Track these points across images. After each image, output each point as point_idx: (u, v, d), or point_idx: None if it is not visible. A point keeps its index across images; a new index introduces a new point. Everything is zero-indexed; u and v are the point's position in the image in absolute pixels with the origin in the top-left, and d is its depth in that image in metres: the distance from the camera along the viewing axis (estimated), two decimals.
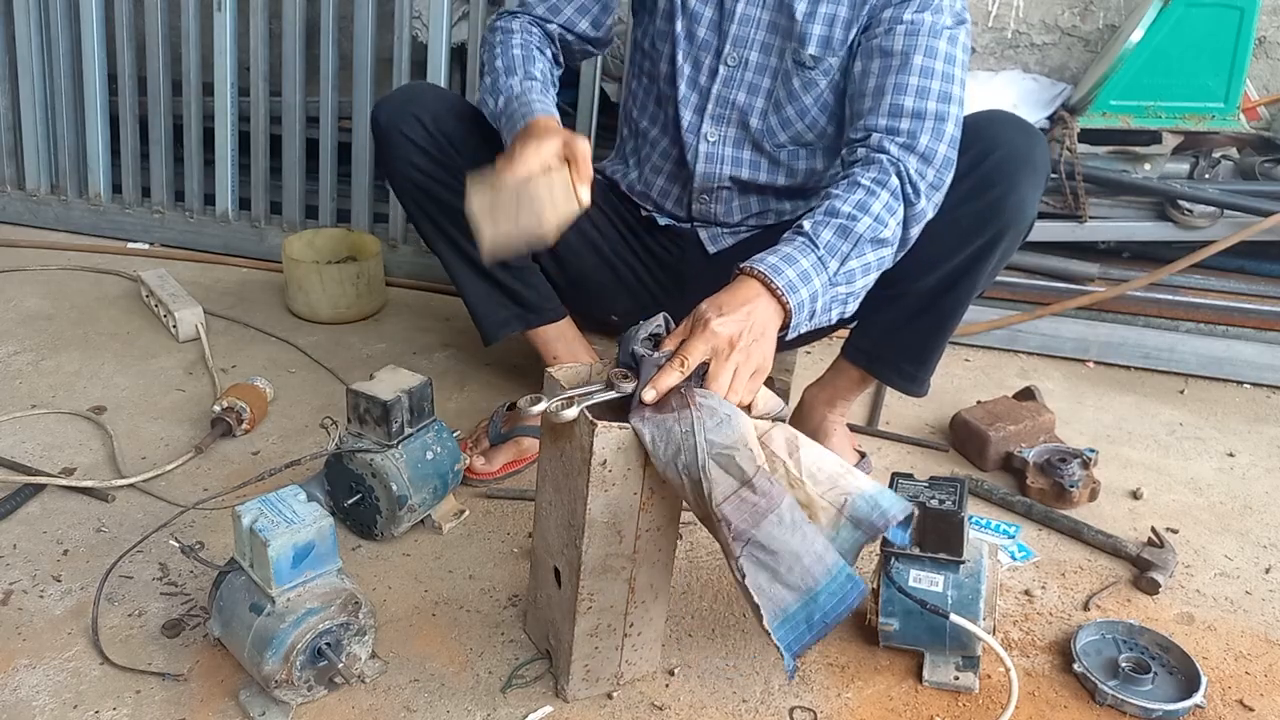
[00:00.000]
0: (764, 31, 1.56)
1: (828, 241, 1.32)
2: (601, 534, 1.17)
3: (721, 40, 1.58)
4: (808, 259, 1.29)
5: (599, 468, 1.12)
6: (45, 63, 2.57)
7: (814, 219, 1.34)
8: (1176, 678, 1.35)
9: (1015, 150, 1.44)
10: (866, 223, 1.33)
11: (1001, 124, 1.47)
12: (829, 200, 1.36)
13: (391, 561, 1.51)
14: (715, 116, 1.62)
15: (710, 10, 1.57)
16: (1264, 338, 2.16)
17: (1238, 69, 2.13)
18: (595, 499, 1.14)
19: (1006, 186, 1.43)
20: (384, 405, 1.46)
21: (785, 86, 1.57)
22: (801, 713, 1.29)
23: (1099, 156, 2.21)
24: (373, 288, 2.27)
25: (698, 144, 1.63)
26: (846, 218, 1.33)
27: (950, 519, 1.27)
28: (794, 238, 1.33)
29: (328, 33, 2.37)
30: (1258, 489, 1.81)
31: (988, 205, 1.44)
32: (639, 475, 1.15)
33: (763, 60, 1.57)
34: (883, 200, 1.35)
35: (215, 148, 2.51)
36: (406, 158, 1.59)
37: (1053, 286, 2.21)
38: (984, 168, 1.44)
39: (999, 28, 2.44)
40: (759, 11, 1.55)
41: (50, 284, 2.34)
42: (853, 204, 1.34)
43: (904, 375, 1.63)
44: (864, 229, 1.33)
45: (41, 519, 1.56)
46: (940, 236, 1.45)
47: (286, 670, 1.19)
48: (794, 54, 1.54)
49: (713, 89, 1.60)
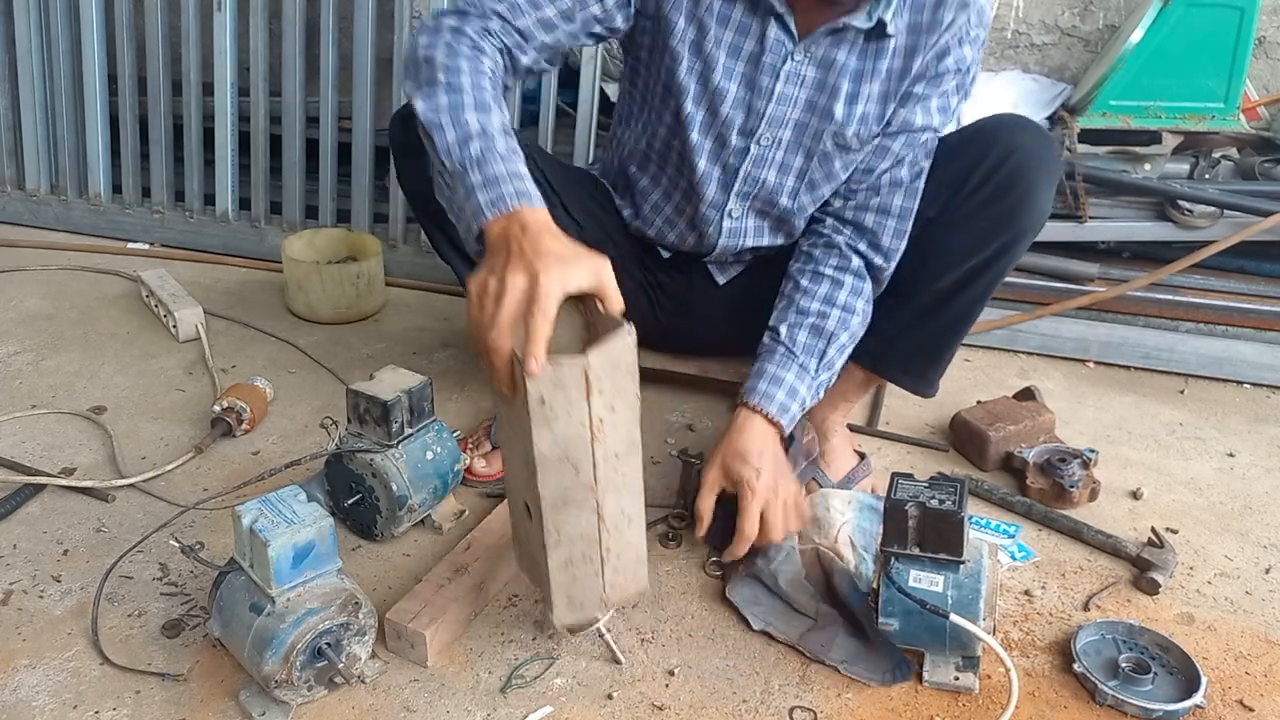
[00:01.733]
0: (800, 110, 1.47)
1: (804, 344, 1.46)
2: (555, 469, 1.14)
3: (752, 119, 1.47)
4: (791, 372, 1.45)
5: (538, 406, 1.09)
6: (45, 63, 2.57)
7: (788, 321, 1.48)
8: (1176, 678, 1.35)
9: (1031, 154, 1.45)
10: (836, 315, 1.47)
11: (1015, 128, 1.49)
12: (798, 297, 1.49)
13: (391, 561, 1.51)
14: (742, 194, 1.55)
15: (738, 87, 1.45)
16: (1264, 338, 2.16)
17: (1238, 69, 2.13)
18: (541, 437, 1.11)
19: (1024, 189, 1.45)
20: (384, 405, 1.46)
21: (824, 167, 1.51)
22: (801, 713, 1.29)
23: (1099, 156, 2.21)
24: (373, 288, 2.27)
25: (721, 219, 1.58)
26: (817, 315, 1.47)
27: (950, 519, 1.27)
28: (774, 348, 1.47)
29: (328, 33, 2.37)
30: (1258, 489, 1.81)
31: (1007, 209, 1.46)
32: (584, 408, 1.11)
33: (796, 139, 1.49)
34: (848, 286, 1.48)
35: (215, 148, 2.52)
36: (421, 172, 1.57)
37: (1053, 286, 2.21)
38: (1002, 173, 1.45)
39: (999, 28, 2.44)
40: (797, 90, 1.45)
41: (50, 284, 2.34)
42: (820, 299, 1.48)
43: (913, 375, 1.63)
44: (834, 323, 1.47)
45: (41, 519, 1.56)
46: (959, 240, 1.48)
47: (286, 670, 1.19)
48: (835, 137, 1.48)
49: (741, 168, 1.52)
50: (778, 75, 1.44)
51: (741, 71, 1.44)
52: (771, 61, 1.43)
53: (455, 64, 1.24)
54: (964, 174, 1.47)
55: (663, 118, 1.52)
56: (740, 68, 1.44)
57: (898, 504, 1.28)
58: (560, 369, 1.08)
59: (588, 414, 1.13)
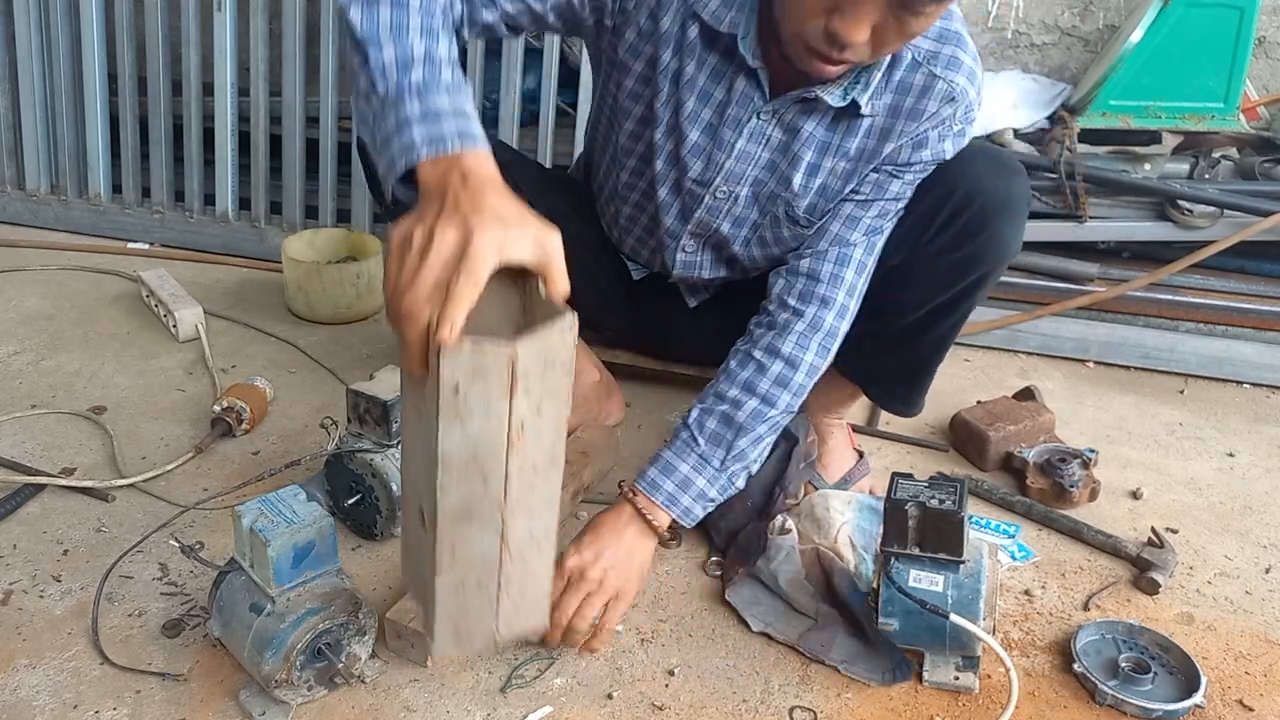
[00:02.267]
0: (760, 169, 1.41)
1: (711, 432, 1.40)
2: (460, 475, 0.95)
3: (710, 170, 1.42)
4: (687, 462, 1.40)
5: (450, 396, 0.90)
6: (45, 63, 2.57)
7: (702, 406, 1.42)
8: (1176, 678, 1.35)
9: (994, 194, 1.38)
10: (751, 406, 1.40)
11: (978, 163, 1.40)
12: (722, 379, 1.43)
13: (391, 561, 1.51)
14: (696, 235, 1.52)
15: (700, 134, 1.39)
16: (1264, 338, 2.16)
17: (1238, 69, 2.13)
18: (449, 434, 0.92)
19: (989, 234, 1.39)
20: (384, 405, 1.46)
21: (774, 230, 1.47)
22: (801, 713, 1.29)
23: (1099, 156, 2.21)
24: (373, 288, 2.26)
25: (675, 250, 1.55)
26: (731, 404, 1.41)
27: (950, 519, 1.27)
28: (677, 435, 1.42)
29: (328, 33, 2.37)
30: (1258, 489, 1.81)
31: (970, 253, 1.41)
32: (504, 407, 0.92)
33: (751, 197, 1.44)
34: (773, 374, 1.41)
35: (215, 148, 2.51)
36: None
37: (1053, 286, 2.21)
38: (964, 218, 1.38)
39: (999, 28, 2.44)
40: (759, 149, 1.39)
41: (50, 284, 2.34)
42: (740, 385, 1.41)
43: (896, 398, 1.64)
44: (746, 414, 1.40)
45: (41, 519, 1.56)
46: (922, 282, 1.44)
47: (286, 670, 1.19)
48: (788, 207, 1.43)
49: (696, 212, 1.48)
50: (740, 131, 1.37)
51: (706, 119, 1.38)
52: (736, 115, 1.36)
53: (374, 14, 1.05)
54: (926, 219, 1.41)
55: (640, 137, 1.47)
56: (706, 114, 1.38)
57: (898, 504, 1.28)
58: (482, 354, 0.89)
59: (508, 414, 0.93)
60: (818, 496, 1.51)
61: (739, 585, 1.46)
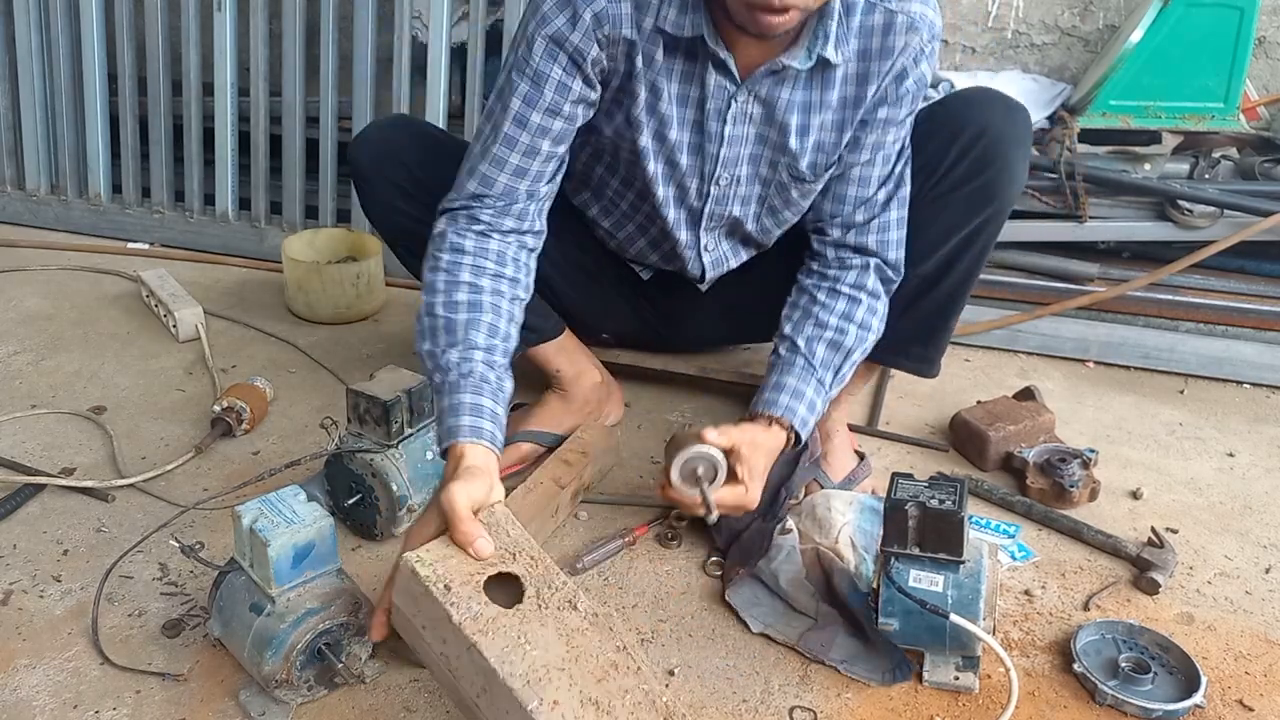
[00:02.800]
0: (752, 146, 1.46)
1: (823, 358, 1.46)
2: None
3: (708, 163, 1.46)
4: (810, 386, 1.44)
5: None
6: (45, 63, 2.57)
7: (806, 334, 1.47)
8: (1176, 678, 1.35)
9: (1003, 129, 1.47)
10: (854, 332, 1.47)
11: (985, 104, 1.49)
12: (816, 310, 1.48)
13: (391, 561, 1.51)
14: (711, 230, 1.57)
15: (690, 135, 1.44)
16: (1264, 338, 2.15)
17: (1238, 69, 2.13)
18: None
19: (1000, 164, 1.46)
20: (384, 405, 1.46)
21: (781, 195, 1.52)
22: (801, 713, 1.29)
23: (1099, 156, 2.21)
24: (373, 288, 2.27)
25: (700, 255, 1.60)
26: (836, 330, 1.46)
27: (950, 519, 1.27)
28: (793, 360, 1.46)
29: (328, 33, 2.37)
30: (1258, 489, 1.81)
31: (984, 185, 1.47)
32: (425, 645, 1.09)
33: (752, 172, 1.49)
34: (865, 305, 1.48)
35: (215, 148, 2.52)
36: (389, 201, 1.57)
37: (1053, 286, 2.21)
38: (975, 151, 1.46)
39: (999, 28, 2.44)
40: (746, 128, 1.44)
41: (50, 284, 2.34)
42: (838, 314, 1.47)
43: (914, 357, 1.64)
44: (852, 340, 1.47)
45: (41, 519, 1.56)
46: (936, 222, 1.49)
47: (286, 670, 1.19)
48: (790, 169, 1.47)
49: (705, 208, 1.52)
50: (724, 119, 1.41)
51: (692, 119, 1.42)
52: (716, 106, 1.40)
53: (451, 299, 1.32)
54: (938, 156, 1.48)
55: (630, 182, 1.52)
56: (690, 115, 1.42)
57: (898, 504, 1.28)
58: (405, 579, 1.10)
59: (434, 652, 1.09)
60: (819, 496, 1.51)
61: (739, 585, 1.46)
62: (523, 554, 1.12)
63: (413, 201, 1.55)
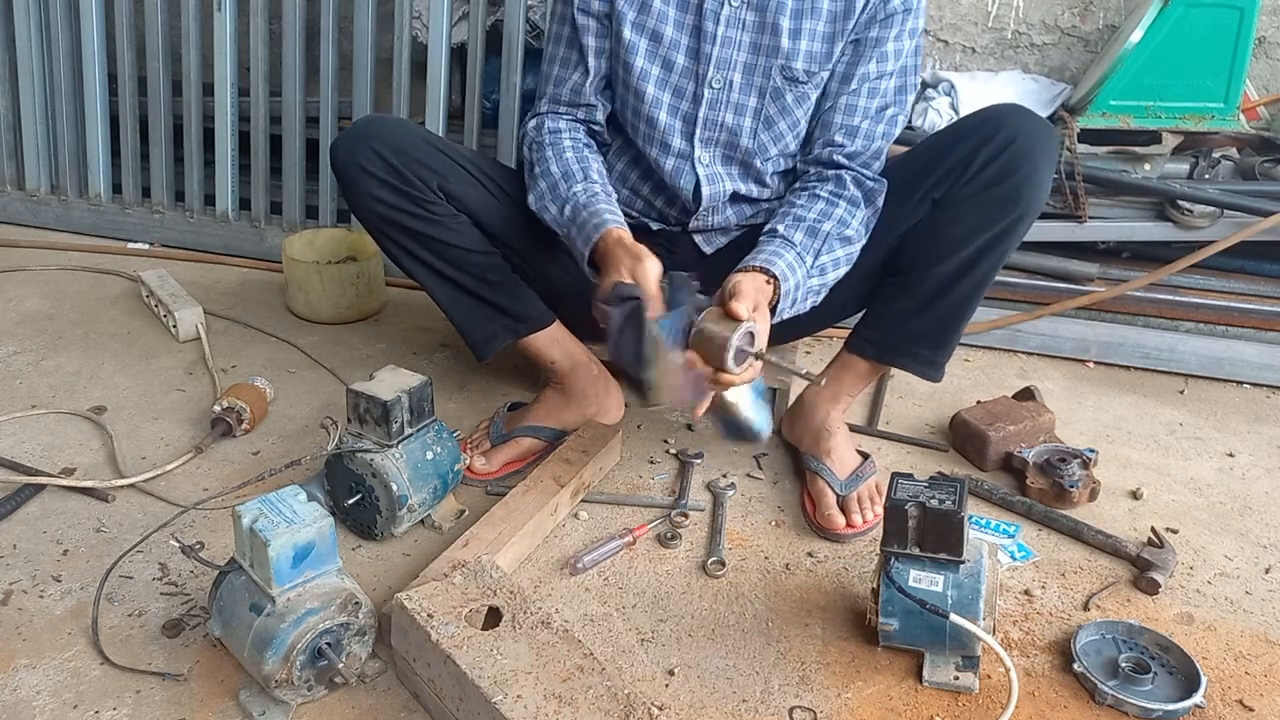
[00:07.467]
0: (746, 53, 1.55)
1: (801, 241, 1.48)
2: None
3: (701, 64, 1.55)
4: (790, 253, 1.46)
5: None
6: (45, 63, 2.57)
7: (784, 222, 1.50)
8: (1176, 678, 1.35)
9: (1033, 137, 1.50)
10: (830, 224, 1.50)
11: (1015, 114, 1.53)
12: (793, 209, 1.52)
13: (391, 561, 1.52)
14: (705, 140, 1.60)
15: (686, 37, 1.55)
16: (1264, 338, 2.16)
17: (1238, 69, 2.13)
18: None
19: (1029, 170, 1.49)
20: (384, 405, 1.46)
21: (776, 102, 1.57)
22: (801, 713, 1.29)
23: (1099, 156, 2.21)
24: (373, 288, 2.27)
25: (695, 168, 1.61)
26: (815, 219, 1.50)
27: (950, 519, 1.27)
28: (771, 239, 1.49)
29: (328, 33, 2.37)
30: (1258, 489, 1.81)
31: (1013, 188, 1.49)
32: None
33: (746, 80, 1.56)
34: (842, 207, 1.52)
35: (215, 148, 2.52)
36: (368, 190, 1.58)
37: (1053, 286, 2.21)
38: (1007, 155, 1.49)
39: (999, 28, 2.44)
40: (739, 33, 1.53)
41: (50, 284, 2.34)
42: (816, 211, 1.51)
43: (921, 360, 1.64)
44: (830, 228, 1.50)
45: (41, 519, 1.56)
46: (963, 221, 1.52)
47: (286, 670, 1.19)
48: (784, 70, 1.54)
49: (699, 113, 1.58)
50: (718, 19, 1.52)
51: (688, 22, 1.54)
52: (711, 7, 1.52)
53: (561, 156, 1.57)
54: (968, 157, 1.50)
55: (623, 97, 1.61)
56: (687, 19, 1.54)
57: (898, 504, 1.29)
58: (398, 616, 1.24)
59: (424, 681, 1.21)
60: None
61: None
62: (502, 590, 1.27)
63: (390, 189, 1.57)
